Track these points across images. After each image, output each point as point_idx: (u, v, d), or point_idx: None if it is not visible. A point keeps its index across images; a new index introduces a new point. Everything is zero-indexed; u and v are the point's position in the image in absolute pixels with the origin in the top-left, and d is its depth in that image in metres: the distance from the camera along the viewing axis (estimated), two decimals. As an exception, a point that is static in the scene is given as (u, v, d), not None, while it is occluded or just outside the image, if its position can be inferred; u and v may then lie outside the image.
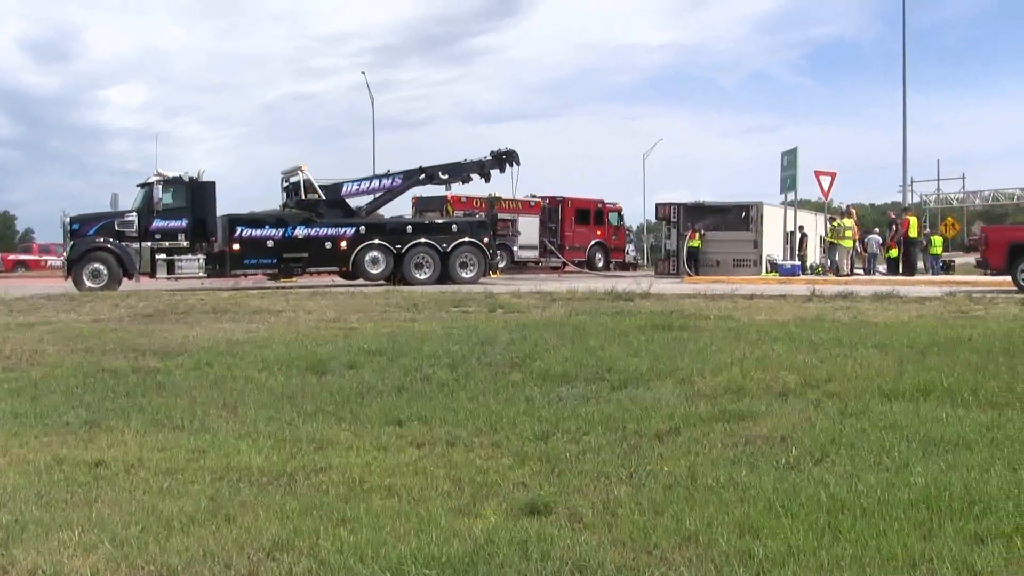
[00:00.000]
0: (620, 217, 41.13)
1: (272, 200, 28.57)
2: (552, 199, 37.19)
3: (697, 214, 30.68)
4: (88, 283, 22.55)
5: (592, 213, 38.61)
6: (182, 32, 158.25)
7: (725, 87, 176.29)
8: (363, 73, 54.67)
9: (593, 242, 38.37)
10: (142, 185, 24.44)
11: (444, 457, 5.74)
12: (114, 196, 25.00)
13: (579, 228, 37.94)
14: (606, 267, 38.22)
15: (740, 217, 30.48)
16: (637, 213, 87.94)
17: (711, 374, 8.15)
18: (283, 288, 22.48)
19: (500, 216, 31.68)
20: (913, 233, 29.29)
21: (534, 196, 35.90)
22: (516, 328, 11.67)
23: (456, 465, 5.51)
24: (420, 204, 32.52)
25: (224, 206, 25.19)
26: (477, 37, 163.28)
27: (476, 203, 32.76)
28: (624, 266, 40.34)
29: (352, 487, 5.06)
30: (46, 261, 52.86)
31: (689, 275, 28.55)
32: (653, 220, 40.39)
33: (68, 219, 23.78)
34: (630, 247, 44.82)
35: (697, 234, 29.69)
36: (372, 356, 9.55)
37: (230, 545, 4.10)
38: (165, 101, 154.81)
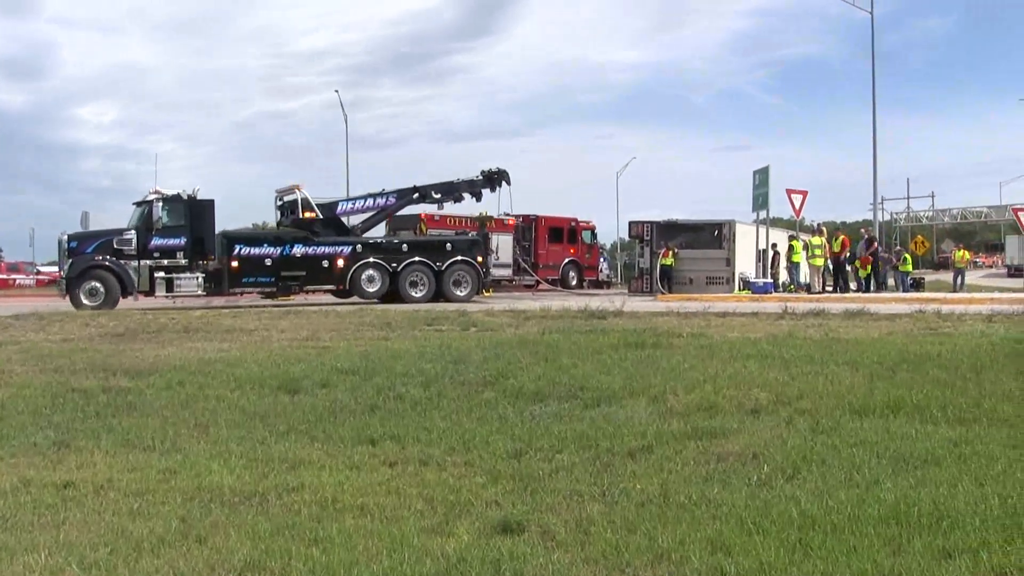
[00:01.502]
0: (593, 235, 41.28)
1: (247, 218, 28.73)
2: (525, 217, 37.27)
3: (670, 232, 30.83)
4: (86, 301, 22.35)
5: (565, 231, 38.75)
6: (156, 50, 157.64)
7: (697, 106, 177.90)
8: (336, 91, 55.10)
9: (566, 260, 38.48)
10: (139, 203, 24.37)
11: (417, 476, 5.72)
12: (84, 214, 24.79)
13: (552, 246, 38.05)
14: (579, 285, 38.27)
15: (713, 235, 30.64)
16: (610, 231, 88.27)
17: (684, 392, 8.19)
18: (255, 307, 22.32)
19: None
20: (837, 249, 29.77)
21: (507, 214, 35.95)
22: (489, 346, 11.68)
23: (429, 484, 5.50)
24: (394, 222, 32.48)
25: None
26: (451, 56, 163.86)
27: (449, 221, 32.84)
28: (597, 284, 40.46)
29: (324, 507, 5.03)
30: (14, 280, 52.20)
31: (662, 293, 28.67)
32: (626, 238, 40.49)
33: (66, 237, 23.59)
34: (603, 265, 44.97)
35: (670, 252, 29.83)
36: (345, 375, 9.52)
37: (201, 566, 4.07)
38: (138, 119, 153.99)
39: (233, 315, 18.01)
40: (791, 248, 30.34)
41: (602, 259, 45.12)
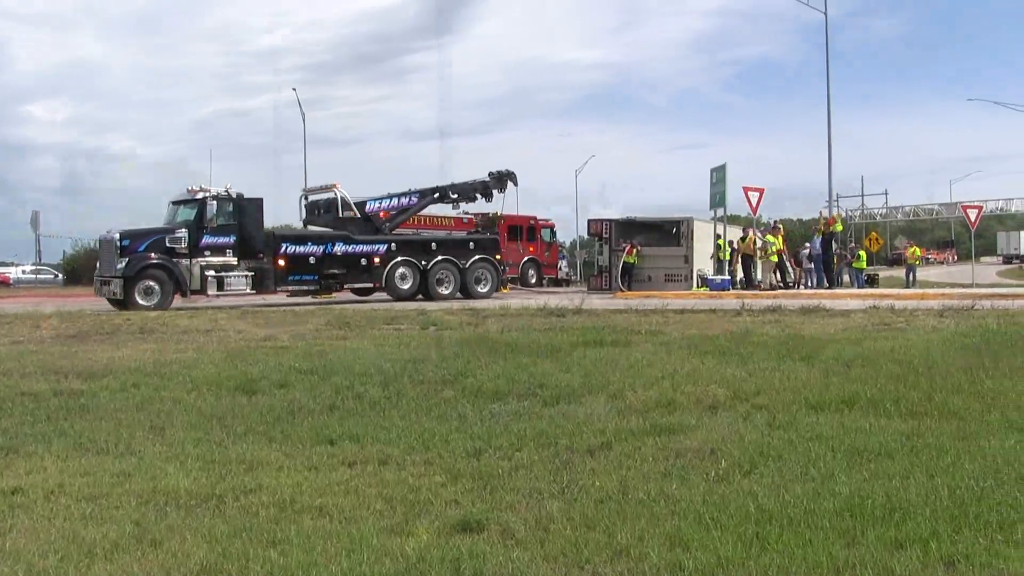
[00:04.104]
0: (552, 233, 41.37)
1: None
2: (484, 215, 37.24)
3: (629, 230, 30.96)
4: (141, 300, 22.00)
5: (524, 229, 38.76)
6: (110, 48, 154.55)
7: (656, 105, 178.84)
8: (294, 90, 54.80)
9: (526, 259, 38.48)
10: (180, 202, 24.01)
11: (376, 476, 5.70)
12: (35, 214, 24.36)
13: (511, 244, 38.01)
14: (539, 283, 38.32)
15: (671, 233, 30.87)
16: (570, 229, 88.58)
17: (642, 389, 8.24)
18: (212, 307, 22.07)
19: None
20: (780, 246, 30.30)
21: (467, 213, 35.90)
22: (448, 345, 11.66)
23: (388, 484, 5.47)
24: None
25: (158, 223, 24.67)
26: (411, 55, 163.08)
27: (413, 220, 32.89)
28: (557, 282, 40.55)
29: (283, 508, 4.99)
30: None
31: (621, 290, 28.82)
32: (586, 236, 40.68)
33: (118, 235, 23.03)
34: (563, 263, 45.09)
35: (634, 249, 29.97)
36: (303, 375, 9.44)
37: (156, 571, 4.01)
38: (93, 117, 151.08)
39: (190, 316, 17.78)
40: (718, 246, 30.55)
41: (561, 257, 45.24)
